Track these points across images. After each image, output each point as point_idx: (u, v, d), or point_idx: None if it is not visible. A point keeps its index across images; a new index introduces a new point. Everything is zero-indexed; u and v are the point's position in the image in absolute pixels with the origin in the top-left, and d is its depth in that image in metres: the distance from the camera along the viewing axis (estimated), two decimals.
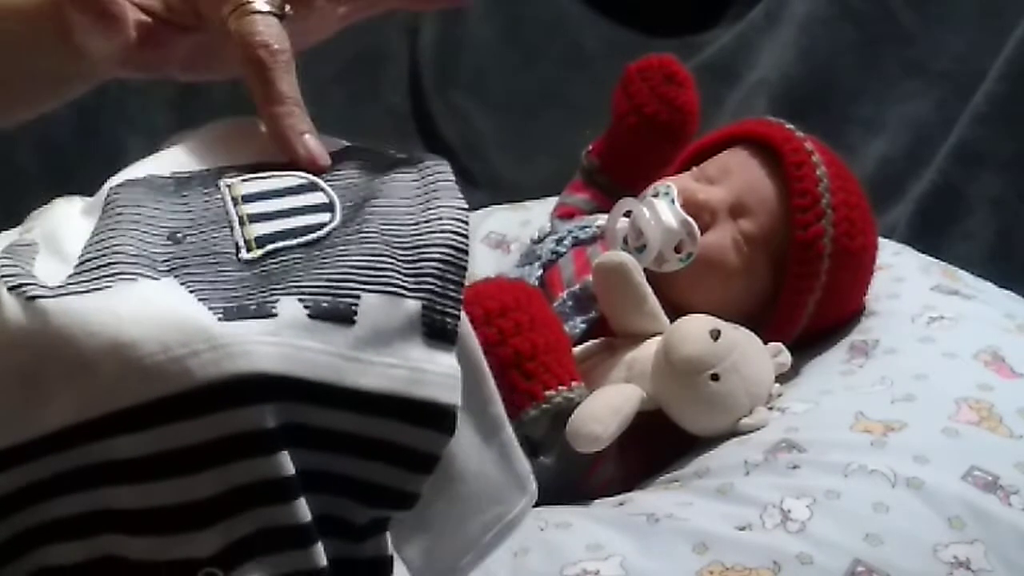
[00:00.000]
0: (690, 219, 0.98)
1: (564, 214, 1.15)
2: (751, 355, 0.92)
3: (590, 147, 1.16)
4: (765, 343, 0.95)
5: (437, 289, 0.53)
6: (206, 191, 0.59)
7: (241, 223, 0.56)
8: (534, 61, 1.83)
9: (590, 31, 1.84)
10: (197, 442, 0.47)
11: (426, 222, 0.55)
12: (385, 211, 0.56)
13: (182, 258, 0.53)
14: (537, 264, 1.06)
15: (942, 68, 1.61)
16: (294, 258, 0.53)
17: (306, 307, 0.50)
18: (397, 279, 0.52)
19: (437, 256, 0.53)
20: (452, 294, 0.53)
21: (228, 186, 0.59)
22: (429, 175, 0.60)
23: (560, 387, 0.87)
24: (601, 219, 1.07)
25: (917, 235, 1.42)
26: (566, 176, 1.19)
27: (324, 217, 0.56)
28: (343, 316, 0.50)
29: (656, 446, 0.92)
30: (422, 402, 0.51)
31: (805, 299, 1.01)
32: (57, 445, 0.48)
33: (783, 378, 0.97)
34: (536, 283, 1.03)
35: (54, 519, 0.49)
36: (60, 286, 0.50)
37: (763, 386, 0.93)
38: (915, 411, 0.88)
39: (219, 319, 0.48)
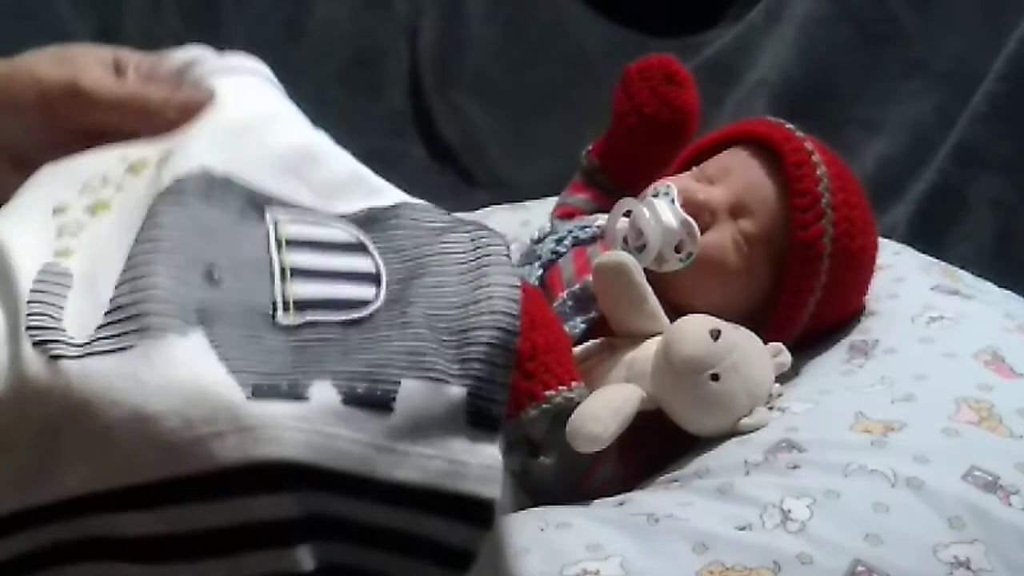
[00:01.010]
0: (690, 219, 0.98)
1: (564, 214, 1.15)
2: (751, 355, 0.92)
3: (590, 147, 1.16)
4: (765, 343, 0.95)
5: (484, 375, 0.50)
6: (253, 218, 0.56)
7: (283, 277, 0.53)
8: (534, 61, 1.84)
9: (590, 31, 1.84)
10: (212, 527, 0.45)
11: (474, 303, 0.52)
12: (432, 292, 0.53)
13: (215, 308, 0.50)
14: (537, 264, 1.06)
15: (942, 68, 1.61)
16: (332, 337, 0.50)
17: (340, 392, 0.47)
18: (441, 365, 0.49)
19: (485, 340, 0.50)
20: (499, 380, 0.50)
21: (276, 223, 0.56)
22: (482, 247, 0.57)
23: (560, 387, 0.87)
24: (601, 219, 1.07)
25: (917, 235, 1.42)
26: (566, 176, 1.19)
27: (369, 292, 0.53)
28: (380, 403, 0.47)
29: (656, 446, 0.92)
30: (459, 496, 0.48)
31: (805, 299, 1.01)
32: (67, 513, 0.46)
33: (783, 378, 0.96)
34: (536, 283, 1.03)
35: None
36: (87, 343, 0.48)
37: (763, 386, 0.93)
38: (915, 411, 0.88)
39: (247, 397, 0.46)
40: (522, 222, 1.30)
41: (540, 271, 1.05)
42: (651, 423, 0.90)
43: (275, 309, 0.51)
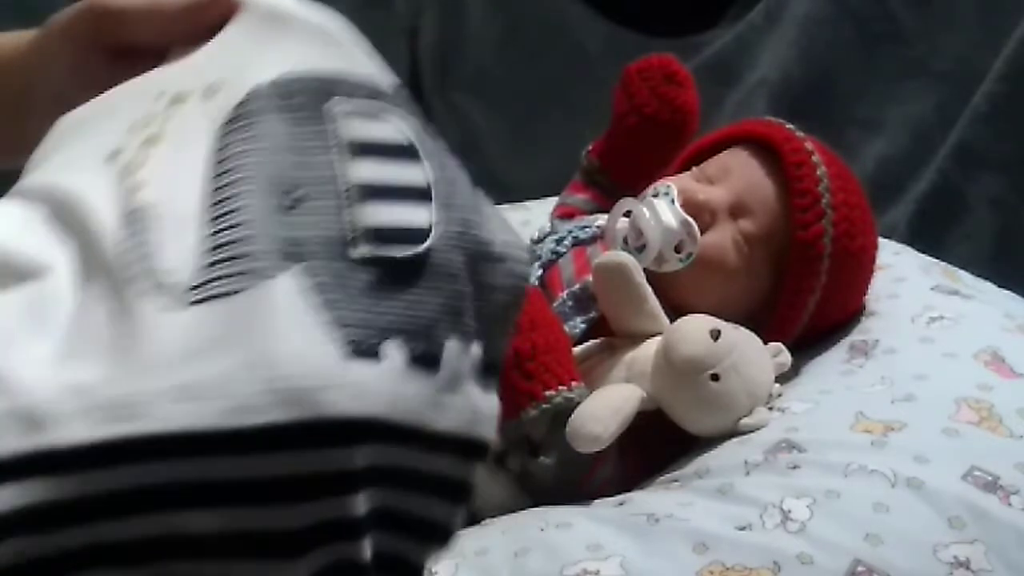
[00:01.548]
0: (690, 219, 0.98)
1: (564, 214, 1.15)
2: (751, 355, 0.92)
3: (590, 147, 1.16)
4: (765, 343, 0.95)
5: (498, 332, 0.53)
6: (316, 117, 0.54)
7: (349, 197, 0.52)
8: (534, 61, 1.83)
9: (590, 31, 1.84)
10: (304, 473, 0.47)
11: (497, 258, 0.54)
12: (469, 235, 0.54)
13: (301, 240, 0.51)
14: (537, 264, 1.06)
15: (942, 68, 1.61)
16: (395, 280, 0.52)
17: (406, 353, 0.50)
18: (471, 322, 0.52)
19: (502, 300, 0.54)
20: (506, 335, 0.54)
21: (338, 117, 0.54)
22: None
23: (560, 387, 0.88)
24: (601, 219, 1.07)
25: (917, 235, 1.42)
26: (566, 176, 1.19)
27: (422, 217, 0.53)
28: (432, 362, 0.50)
29: (656, 446, 0.92)
30: (474, 439, 0.52)
31: (805, 299, 1.01)
32: (158, 453, 0.47)
33: (783, 378, 0.96)
34: (536, 283, 1.04)
35: (113, 542, 0.47)
36: (194, 287, 0.49)
37: (763, 386, 0.93)
38: (915, 411, 0.88)
39: (344, 355, 0.48)
40: (522, 222, 1.30)
41: (540, 271, 1.05)
42: (651, 423, 0.90)
43: (347, 238, 0.51)
